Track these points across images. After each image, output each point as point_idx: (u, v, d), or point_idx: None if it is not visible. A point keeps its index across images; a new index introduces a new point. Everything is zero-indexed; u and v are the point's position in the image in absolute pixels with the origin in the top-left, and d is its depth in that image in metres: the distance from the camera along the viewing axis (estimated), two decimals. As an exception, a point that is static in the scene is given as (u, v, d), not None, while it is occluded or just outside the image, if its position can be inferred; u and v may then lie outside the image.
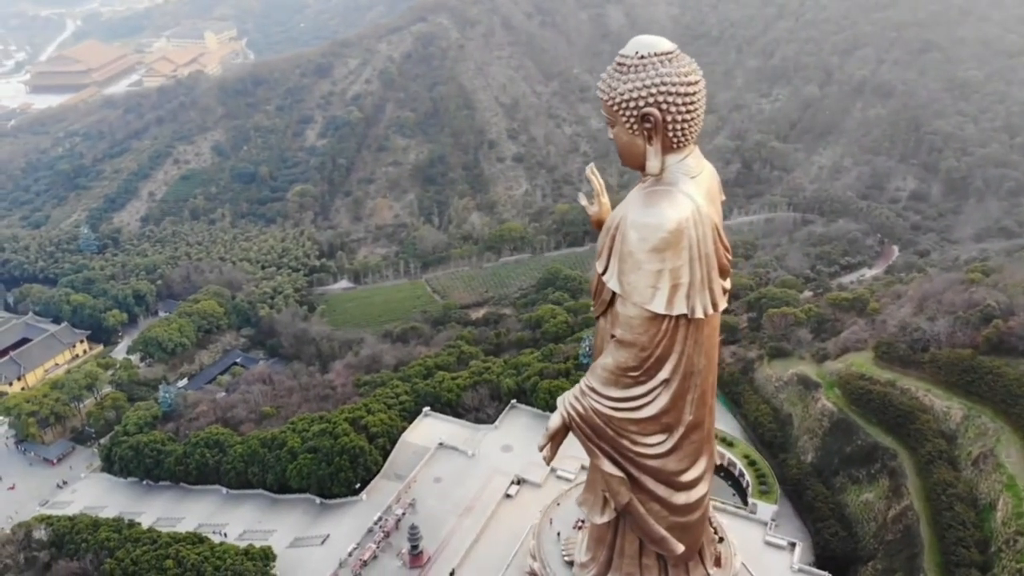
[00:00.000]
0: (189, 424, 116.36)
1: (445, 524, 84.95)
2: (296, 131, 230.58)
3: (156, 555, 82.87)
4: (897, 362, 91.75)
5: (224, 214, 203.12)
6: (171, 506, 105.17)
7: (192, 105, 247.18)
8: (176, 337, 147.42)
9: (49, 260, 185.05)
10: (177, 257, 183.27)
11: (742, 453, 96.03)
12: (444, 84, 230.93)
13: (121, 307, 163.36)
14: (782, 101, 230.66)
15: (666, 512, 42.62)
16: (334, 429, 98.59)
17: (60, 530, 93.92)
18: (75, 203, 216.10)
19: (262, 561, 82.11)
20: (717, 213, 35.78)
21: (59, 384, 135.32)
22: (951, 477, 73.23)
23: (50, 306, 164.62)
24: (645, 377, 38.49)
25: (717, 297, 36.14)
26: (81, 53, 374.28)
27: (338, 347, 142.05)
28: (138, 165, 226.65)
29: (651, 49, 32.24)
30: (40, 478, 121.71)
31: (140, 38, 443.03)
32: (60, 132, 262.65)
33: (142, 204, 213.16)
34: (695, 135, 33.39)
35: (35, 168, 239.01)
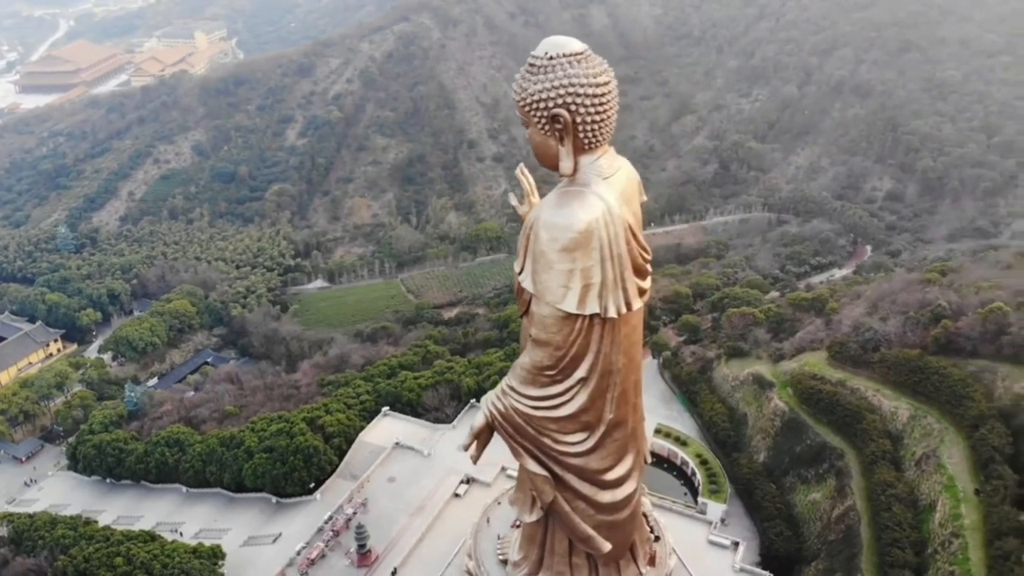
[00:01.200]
0: (153, 423, 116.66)
1: (396, 523, 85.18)
2: (276, 131, 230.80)
3: (107, 552, 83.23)
4: (849, 362, 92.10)
5: (203, 213, 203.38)
6: (132, 504, 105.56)
7: (174, 105, 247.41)
8: (147, 336, 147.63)
9: (27, 259, 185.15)
10: (153, 257, 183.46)
11: (695, 452, 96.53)
12: (425, 84, 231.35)
13: (96, 306, 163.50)
14: (761, 101, 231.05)
15: (592, 510, 42.42)
16: (291, 429, 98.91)
17: (20, 527, 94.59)
18: (56, 203, 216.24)
19: (210, 560, 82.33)
20: (633, 213, 35.81)
21: (29, 383, 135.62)
22: (892, 477, 73.54)
23: (26, 305, 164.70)
24: (561, 376, 38.54)
25: (631, 296, 36.00)
26: (71, 53, 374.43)
27: (307, 347, 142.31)
28: (118, 165, 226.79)
29: (560, 50, 32.13)
30: (8, 476, 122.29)
31: (132, 38, 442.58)
32: (45, 132, 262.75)
33: (121, 204, 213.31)
34: (608, 136, 33.35)
35: (19, 168, 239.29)
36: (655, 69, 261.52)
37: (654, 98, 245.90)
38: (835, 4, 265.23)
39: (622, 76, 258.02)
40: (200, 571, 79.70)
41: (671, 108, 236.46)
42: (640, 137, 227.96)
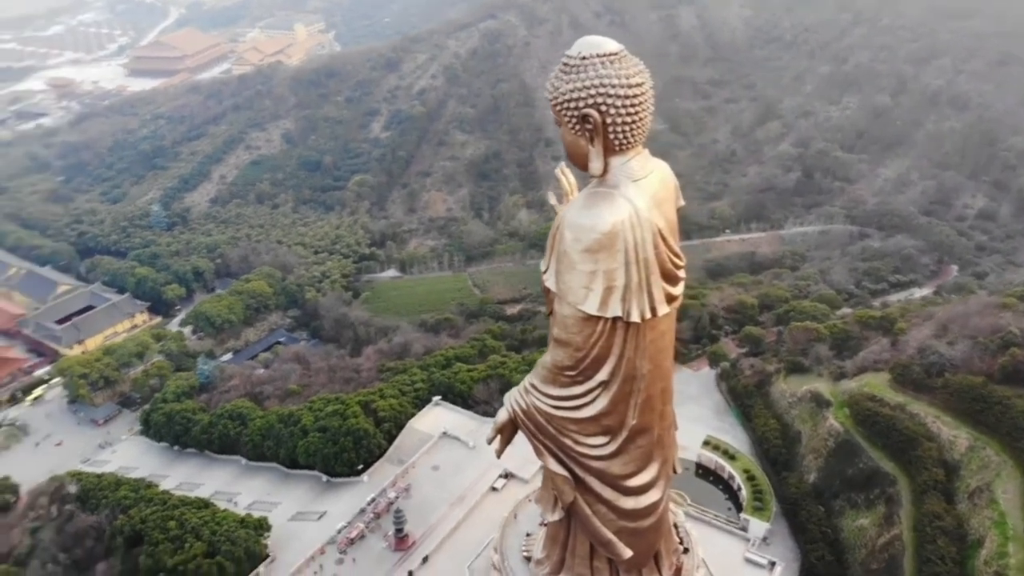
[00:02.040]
0: (221, 396, 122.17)
1: (435, 511, 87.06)
2: (362, 123, 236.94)
3: (163, 516, 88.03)
4: (911, 385, 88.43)
5: (287, 199, 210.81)
6: (194, 472, 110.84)
7: (268, 94, 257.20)
8: (225, 314, 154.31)
9: (121, 234, 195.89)
10: (238, 238, 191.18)
11: (743, 467, 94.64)
12: (507, 81, 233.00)
13: (181, 282, 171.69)
14: (851, 109, 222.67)
15: (613, 515, 42.20)
16: (345, 411, 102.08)
17: (87, 486, 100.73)
18: (152, 182, 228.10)
19: (256, 531, 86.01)
20: (666, 218, 35.52)
21: (112, 351, 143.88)
22: (941, 509, 70.47)
23: (116, 277, 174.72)
24: (582, 377, 38.42)
25: (657, 302, 35.63)
26: (177, 40, 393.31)
27: (373, 333, 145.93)
28: (212, 149, 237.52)
29: (594, 50, 32.17)
30: (86, 437, 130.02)
31: (236, 28, 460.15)
32: (147, 114, 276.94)
33: (212, 186, 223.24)
34: (640, 138, 33.38)
35: (121, 147, 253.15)
36: (742, 72, 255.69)
37: (739, 102, 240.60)
38: (934, 12, 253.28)
39: (707, 78, 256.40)
40: (246, 540, 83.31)
41: (756, 112, 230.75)
42: (722, 141, 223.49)
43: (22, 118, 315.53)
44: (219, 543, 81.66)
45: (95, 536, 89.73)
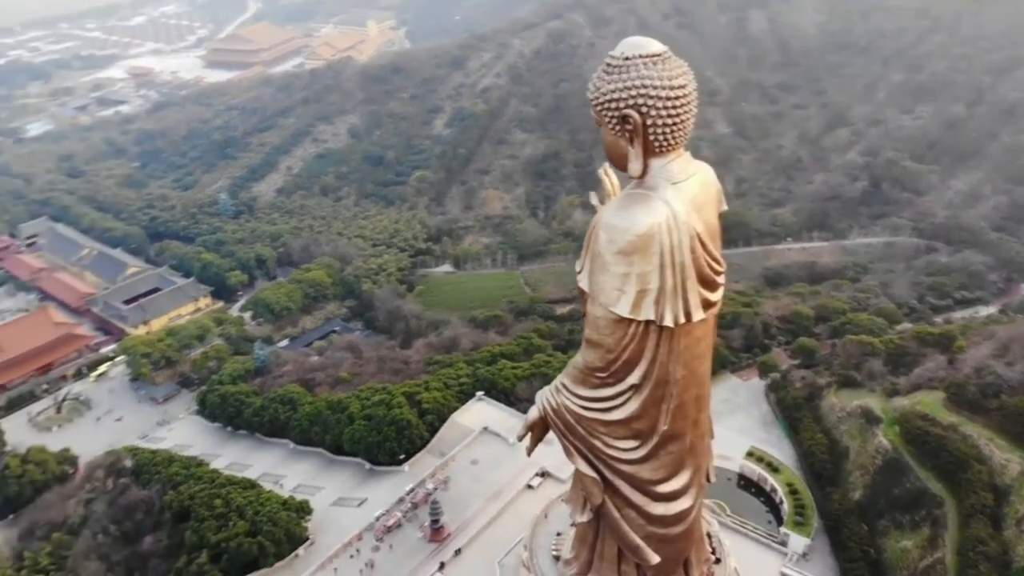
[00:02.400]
0: (274, 381, 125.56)
1: (471, 505, 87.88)
2: (425, 119, 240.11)
3: (210, 493, 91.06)
4: (966, 406, 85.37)
5: (350, 192, 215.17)
6: (245, 453, 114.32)
7: (336, 88, 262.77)
8: (284, 301, 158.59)
9: (190, 220, 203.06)
10: (301, 228, 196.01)
11: (786, 480, 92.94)
12: (569, 81, 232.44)
13: (244, 269, 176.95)
14: (924, 119, 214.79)
15: (642, 520, 41.80)
16: (390, 400, 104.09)
17: (142, 461, 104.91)
18: (222, 171, 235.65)
19: (297, 513, 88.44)
20: (705, 222, 34.98)
21: (175, 332, 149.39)
22: (986, 534, 68.00)
23: (183, 262, 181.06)
24: (613, 380, 38.26)
25: (692, 307, 35.07)
26: (253, 34, 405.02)
27: (424, 326, 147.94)
28: (281, 140, 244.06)
29: (637, 51, 32.06)
30: (145, 414, 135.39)
31: (311, 23, 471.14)
32: (221, 105, 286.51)
33: (279, 177, 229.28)
34: (681, 140, 32.90)
35: (194, 136, 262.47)
36: (813, 78, 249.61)
37: (808, 107, 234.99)
38: (1017, 22, 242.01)
39: (776, 83, 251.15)
40: (286, 522, 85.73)
41: (825, 119, 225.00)
42: (787, 147, 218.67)
43: (103, 104, 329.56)
44: (261, 523, 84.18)
45: (145, 510, 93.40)
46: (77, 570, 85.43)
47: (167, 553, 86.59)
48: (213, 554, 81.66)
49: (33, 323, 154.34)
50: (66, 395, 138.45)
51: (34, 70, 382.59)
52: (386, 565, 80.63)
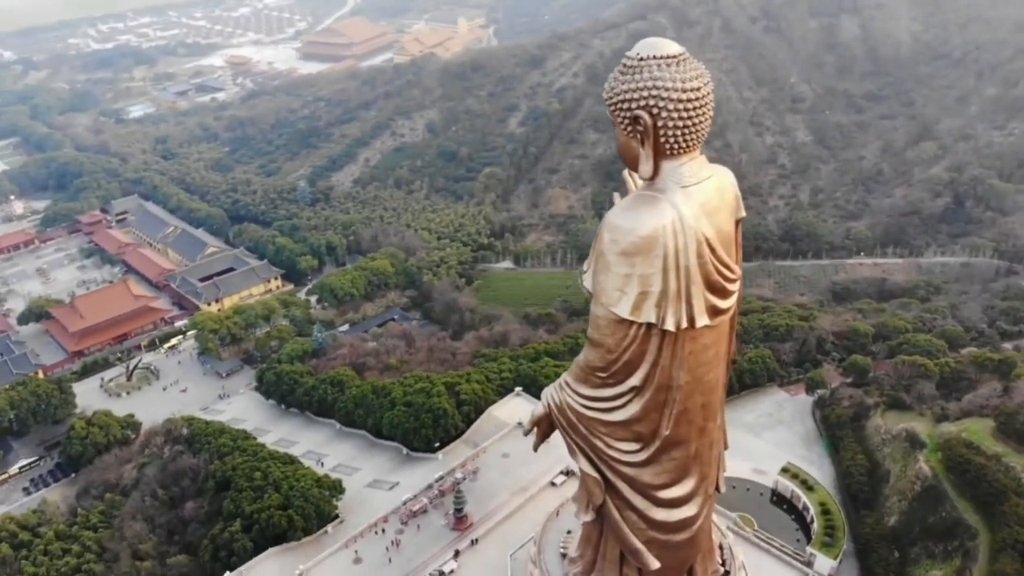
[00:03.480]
0: (328, 363, 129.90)
1: (497, 498, 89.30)
2: (500, 117, 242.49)
3: (251, 465, 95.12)
4: (1014, 436, 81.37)
5: (421, 186, 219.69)
6: (293, 430, 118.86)
7: (417, 84, 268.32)
8: (348, 287, 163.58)
9: (269, 205, 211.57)
10: (372, 218, 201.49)
11: (819, 499, 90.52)
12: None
13: (315, 254, 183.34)
14: (1016, 136, 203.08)
15: (643, 524, 41.84)
16: (430, 389, 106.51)
17: (195, 431, 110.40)
18: (304, 159, 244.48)
19: (330, 491, 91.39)
20: (717, 227, 34.59)
21: (242, 311, 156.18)
22: (1012, 570, 64.88)
23: (259, 244, 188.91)
24: (613, 380, 38.17)
25: (696, 312, 34.84)
26: (347, 28, 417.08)
27: (478, 320, 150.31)
28: (361, 132, 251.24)
29: (652, 52, 32.13)
30: (208, 387, 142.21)
31: (404, 19, 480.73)
32: (309, 96, 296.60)
33: (357, 168, 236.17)
34: (694, 143, 32.78)
35: (282, 125, 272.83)
36: (902, 88, 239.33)
37: (895, 118, 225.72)
38: None
39: (863, 92, 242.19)
40: (318, 499, 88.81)
41: (911, 132, 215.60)
42: (869, 158, 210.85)
43: (201, 91, 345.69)
44: (294, 498, 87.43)
45: (191, 477, 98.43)
46: (123, 529, 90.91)
47: (206, 519, 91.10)
48: (246, 524, 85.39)
49: (113, 294, 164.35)
50: (137, 364, 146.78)
51: (141, 55, 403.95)
52: (409, 548, 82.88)
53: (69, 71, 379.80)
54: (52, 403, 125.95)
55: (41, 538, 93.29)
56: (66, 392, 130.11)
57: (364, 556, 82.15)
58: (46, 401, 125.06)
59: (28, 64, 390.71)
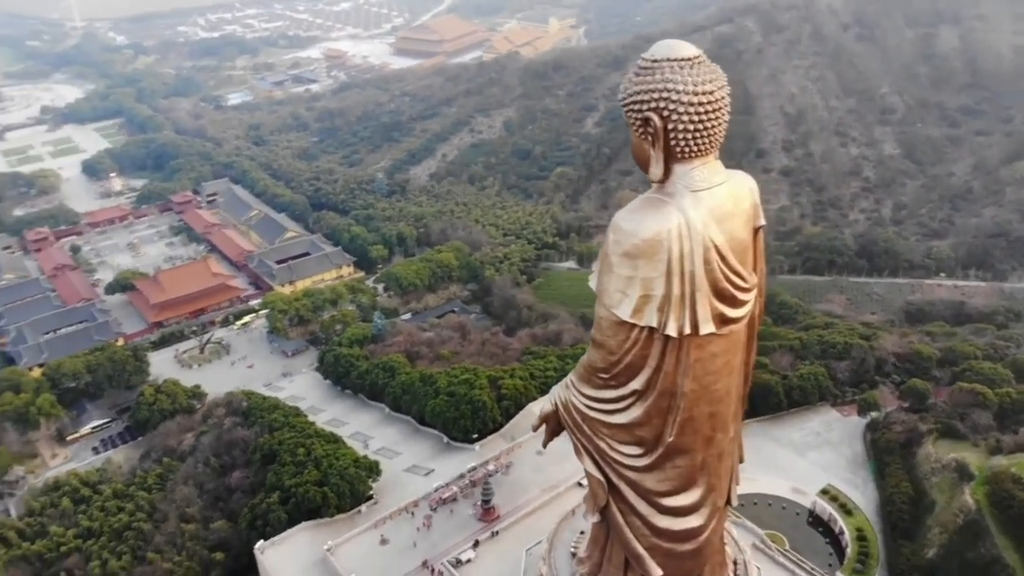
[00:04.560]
0: (384, 349, 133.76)
1: (527, 493, 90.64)
2: (577, 117, 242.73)
3: (296, 441, 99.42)
4: (1068, 476, 76.92)
5: (494, 183, 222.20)
6: (345, 411, 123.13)
7: (498, 82, 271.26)
8: (412, 278, 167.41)
9: (348, 195, 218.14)
10: (443, 212, 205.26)
11: (856, 525, 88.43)
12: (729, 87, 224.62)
13: (386, 244, 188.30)
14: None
15: (646, 531, 41.65)
16: (474, 381, 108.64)
17: (253, 405, 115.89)
18: (385, 152, 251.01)
19: (366, 472, 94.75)
20: (727, 233, 34.06)
21: (311, 294, 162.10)
22: (1043, 614, 61.58)
23: (334, 232, 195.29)
24: (615, 382, 38.06)
25: (700, 319, 34.36)
26: (438, 25, 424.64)
27: (534, 317, 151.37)
28: (441, 128, 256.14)
29: (666, 54, 32.06)
30: (274, 365, 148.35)
31: (496, 17, 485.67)
32: (396, 91, 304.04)
33: (434, 163, 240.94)
34: (706, 147, 32.42)
35: (368, 117, 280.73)
36: (1002, 104, 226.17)
37: (991, 135, 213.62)
38: None
39: (958, 105, 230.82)
40: (354, 479, 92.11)
41: (1007, 150, 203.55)
42: (959, 175, 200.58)
43: (297, 82, 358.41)
44: (331, 476, 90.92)
45: (242, 448, 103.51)
46: (174, 492, 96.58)
47: (249, 489, 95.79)
48: (284, 496, 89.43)
49: (194, 271, 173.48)
50: (210, 338, 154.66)
51: (244, 45, 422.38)
52: (435, 534, 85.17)
53: (176, 57, 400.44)
54: (127, 369, 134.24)
55: (100, 495, 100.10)
56: (141, 360, 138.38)
57: (391, 538, 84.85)
58: (121, 367, 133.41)
59: (139, 49, 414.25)
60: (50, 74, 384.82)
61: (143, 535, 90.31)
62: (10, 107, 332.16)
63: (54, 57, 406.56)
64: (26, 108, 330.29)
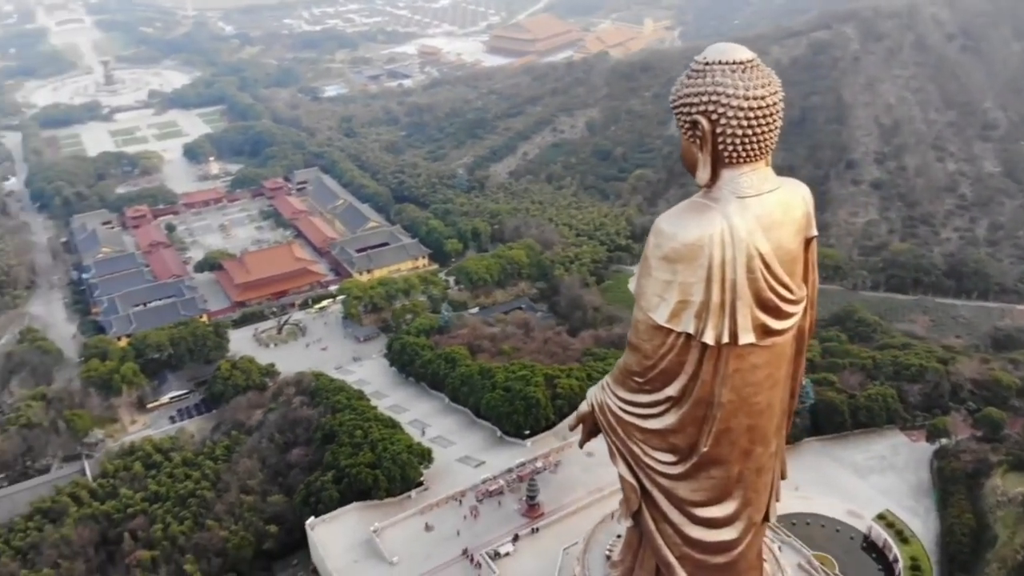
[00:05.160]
0: (448, 340, 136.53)
1: (573, 493, 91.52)
2: (661, 119, 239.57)
3: (356, 424, 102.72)
4: None
5: (572, 183, 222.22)
6: (407, 399, 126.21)
7: (584, 82, 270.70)
8: (482, 273, 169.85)
9: (429, 189, 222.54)
10: (519, 210, 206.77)
11: (911, 554, 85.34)
12: (821, 95, 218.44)
13: (460, 239, 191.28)
14: None
15: (678, 539, 41.40)
16: (530, 378, 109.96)
17: (320, 386, 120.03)
18: (468, 149, 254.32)
19: (418, 458, 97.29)
20: (775, 242, 33.33)
21: (386, 283, 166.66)
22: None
23: (413, 224, 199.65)
24: (649, 387, 37.93)
25: (740, 328, 33.64)
26: (532, 24, 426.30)
27: (599, 319, 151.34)
28: (524, 127, 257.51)
29: (719, 56, 31.72)
30: (346, 349, 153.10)
31: (592, 17, 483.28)
32: (484, 88, 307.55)
33: (515, 160, 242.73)
34: (755, 153, 31.92)
35: (455, 114, 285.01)
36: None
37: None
38: None
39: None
40: (406, 464, 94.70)
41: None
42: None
43: (391, 77, 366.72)
44: (384, 459, 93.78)
45: (305, 427, 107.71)
46: (237, 464, 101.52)
47: (308, 466, 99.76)
48: (337, 476, 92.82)
49: (278, 254, 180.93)
50: (287, 320, 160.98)
51: (344, 39, 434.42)
52: (478, 526, 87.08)
53: (279, 49, 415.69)
54: (207, 345, 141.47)
55: (170, 462, 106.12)
56: (221, 336, 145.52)
57: (436, 525, 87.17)
58: (202, 342, 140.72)
59: (245, 39, 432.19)
60: (160, 60, 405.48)
61: (205, 503, 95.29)
62: (121, 90, 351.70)
63: (165, 44, 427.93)
64: (136, 91, 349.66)
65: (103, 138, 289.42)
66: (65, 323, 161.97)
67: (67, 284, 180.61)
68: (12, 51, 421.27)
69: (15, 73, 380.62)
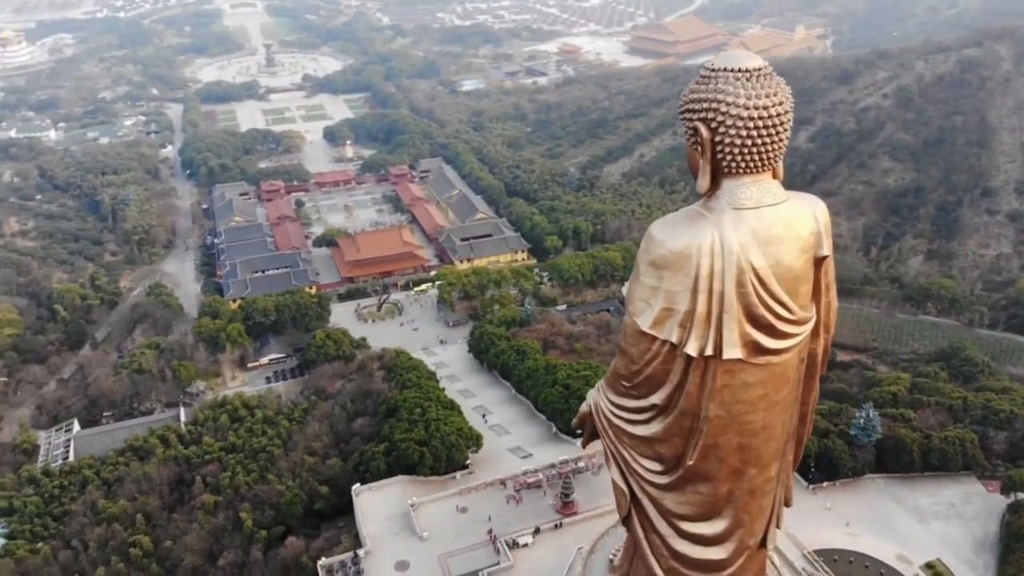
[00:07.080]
0: (526, 333, 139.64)
1: (608, 497, 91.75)
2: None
3: (417, 401, 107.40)
4: None
5: (684, 188, 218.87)
6: (479, 385, 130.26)
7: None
8: (573, 271, 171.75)
9: (539, 186, 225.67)
10: (624, 211, 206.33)
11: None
12: (964, 114, 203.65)
13: (561, 236, 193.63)
14: None
15: (665, 552, 41.35)
16: (591, 378, 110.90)
17: (399, 363, 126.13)
18: (586, 148, 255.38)
19: (468, 442, 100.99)
20: (772, 258, 32.57)
21: (480, 273, 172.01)
22: None
23: (518, 218, 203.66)
24: (636, 393, 38.08)
25: (726, 342, 33.00)
26: (674, 26, 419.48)
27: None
28: (644, 128, 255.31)
29: (727, 64, 31.07)
30: (435, 331, 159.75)
31: (744, 22, 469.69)
32: (614, 88, 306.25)
33: (629, 162, 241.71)
34: (758, 165, 31.45)
35: (580, 113, 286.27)
36: None
37: None
38: None
39: None
40: (454, 445, 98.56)
41: None
42: None
43: (529, 74, 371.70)
44: (433, 438, 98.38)
45: (374, 399, 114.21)
46: (308, 426, 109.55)
47: (368, 436, 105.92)
48: (389, 448, 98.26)
49: (388, 237, 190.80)
50: (387, 299, 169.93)
51: (490, 35, 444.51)
52: (510, 514, 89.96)
53: (428, 41, 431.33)
54: (309, 314, 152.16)
55: (253, 418, 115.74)
56: (323, 308, 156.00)
57: (471, 509, 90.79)
58: (305, 311, 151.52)
59: (398, 31, 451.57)
60: (319, 46, 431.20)
61: (272, 458, 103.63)
62: (279, 72, 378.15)
63: (325, 31, 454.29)
64: (292, 74, 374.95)
65: (256, 116, 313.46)
66: (192, 282, 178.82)
67: (200, 247, 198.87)
68: (187, 29, 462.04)
69: (187, 50, 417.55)
